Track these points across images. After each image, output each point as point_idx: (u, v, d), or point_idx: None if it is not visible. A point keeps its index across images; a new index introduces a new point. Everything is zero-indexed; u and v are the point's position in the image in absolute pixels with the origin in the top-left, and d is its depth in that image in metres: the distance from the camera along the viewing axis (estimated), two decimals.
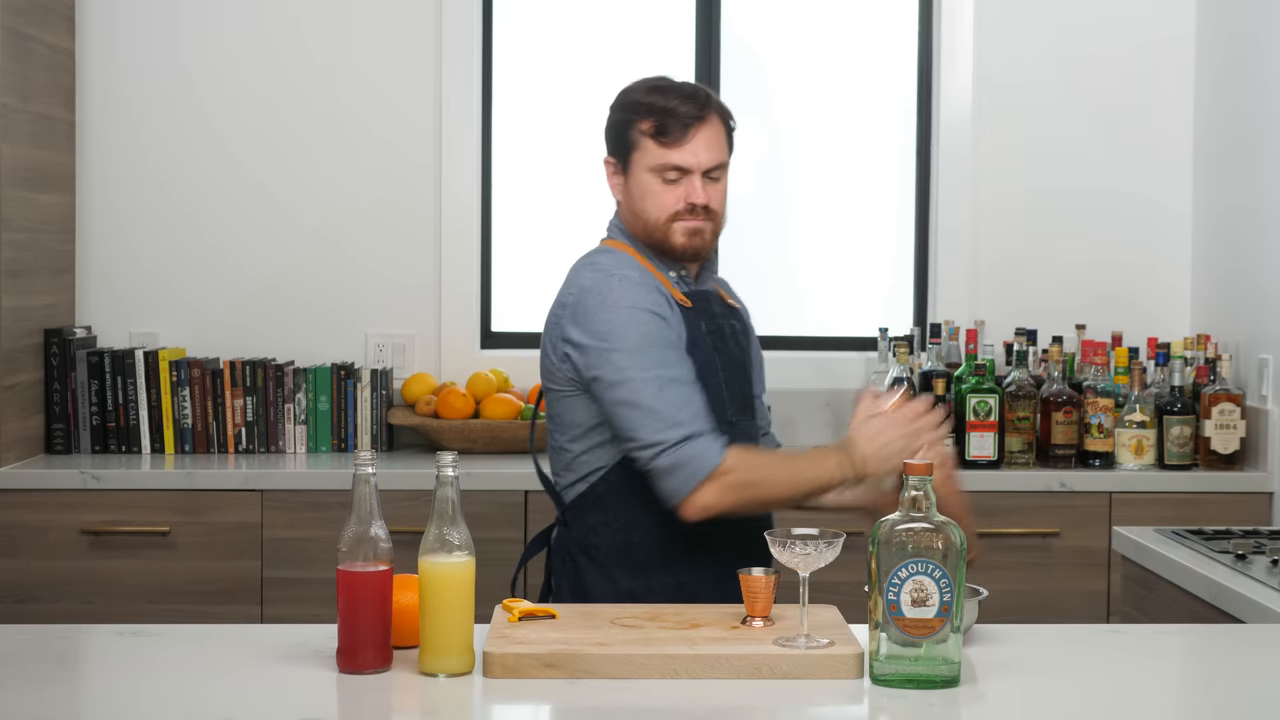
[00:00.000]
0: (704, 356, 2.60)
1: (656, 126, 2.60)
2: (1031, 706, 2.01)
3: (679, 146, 2.59)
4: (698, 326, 2.63)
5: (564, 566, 2.67)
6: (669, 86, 2.65)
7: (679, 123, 2.59)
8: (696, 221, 2.61)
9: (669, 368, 2.51)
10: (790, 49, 4.59)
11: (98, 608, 3.80)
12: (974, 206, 4.46)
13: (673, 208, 2.61)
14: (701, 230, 2.62)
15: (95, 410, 4.13)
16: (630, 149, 2.63)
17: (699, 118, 2.60)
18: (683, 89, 2.64)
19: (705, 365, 2.60)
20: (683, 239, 2.62)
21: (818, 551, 2.14)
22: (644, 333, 2.53)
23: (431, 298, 4.39)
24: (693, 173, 2.60)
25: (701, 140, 2.60)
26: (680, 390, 2.50)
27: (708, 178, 2.62)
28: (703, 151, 2.60)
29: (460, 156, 4.40)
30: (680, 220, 2.61)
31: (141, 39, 4.37)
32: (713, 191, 2.62)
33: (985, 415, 3.98)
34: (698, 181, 2.60)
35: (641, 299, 2.55)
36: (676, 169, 2.60)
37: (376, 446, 4.20)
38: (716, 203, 2.64)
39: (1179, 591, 2.85)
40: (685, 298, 2.64)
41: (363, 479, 2.05)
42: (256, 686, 2.02)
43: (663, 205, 2.61)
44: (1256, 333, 4.04)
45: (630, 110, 2.64)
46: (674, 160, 2.60)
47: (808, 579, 2.16)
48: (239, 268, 4.39)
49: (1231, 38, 4.24)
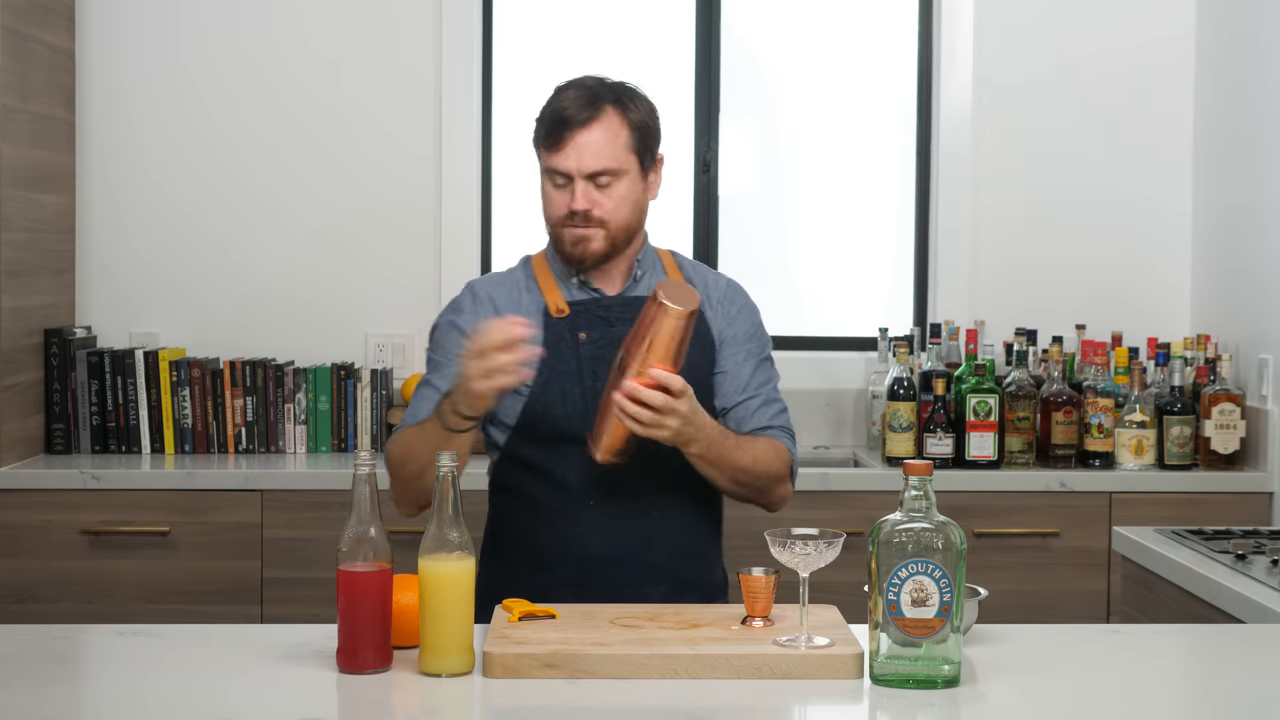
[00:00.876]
0: (564, 364, 2.57)
1: (545, 130, 2.57)
2: (1031, 706, 2.01)
3: (559, 151, 2.54)
4: (567, 335, 2.59)
5: None
6: (570, 85, 2.59)
7: (562, 126, 2.54)
8: (579, 229, 2.56)
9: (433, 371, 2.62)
10: (790, 49, 4.59)
11: (98, 608, 3.80)
12: (974, 207, 4.46)
13: (559, 213, 2.57)
14: (586, 238, 2.56)
15: (95, 410, 4.13)
16: (536, 149, 2.62)
17: (583, 120, 2.53)
18: (580, 86, 2.57)
19: (563, 373, 2.57)
20: (568, 246, 2.59)
21: (817, 551, 2.14)
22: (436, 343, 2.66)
23: (431, 297, 4.39)
24: (575, 179, 2.54)
25: (584, 144, 2.53)
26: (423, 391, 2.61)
27: (594, 183, 2.54)
28: (587, 157, 2.53)
29: (460, 156, 4.40)
30: (565, 227, 2.57)
31: (141, 39, 4.37)
32: (600, 197, 2.55)
33: (985, 415, 3.98)
34: (579, 187, 2.54)
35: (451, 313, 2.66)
36: (560, 174, 2.55)
37: (376, 446, 4.20)
38: (606, 210, 2.55)
39: (1179, 591, 2.85)
40: (566, 306, 2.61)
41: (363, 479, 2.05)
42: (256, 686, 2.02)
43: (552, 209, 2.59)
44: (1256, 333, 4.04)
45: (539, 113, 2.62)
46: (553, 164, 2.55)
47: (808, 579, 2.16)
48: (239, 267, 4.39)
49: (1231, 37, 4.24)
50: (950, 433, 3.97)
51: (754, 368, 2.69)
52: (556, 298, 2.63)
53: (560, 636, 2.12)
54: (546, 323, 2.61)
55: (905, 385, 4.04)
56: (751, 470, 2.57)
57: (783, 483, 2.65)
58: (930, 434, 3.98)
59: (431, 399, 2.55)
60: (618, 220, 2.58)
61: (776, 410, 2.69)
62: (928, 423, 3.98)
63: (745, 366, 2.68)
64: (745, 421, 2.65)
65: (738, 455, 2.54)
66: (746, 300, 2.76)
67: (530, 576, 2.56)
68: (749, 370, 2.68)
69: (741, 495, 2.63)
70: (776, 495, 2.66)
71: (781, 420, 2.69)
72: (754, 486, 2.60)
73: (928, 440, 3.98)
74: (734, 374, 2.67)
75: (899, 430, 4.02)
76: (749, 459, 2.56)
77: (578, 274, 2.64)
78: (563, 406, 2.57)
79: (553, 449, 2.58)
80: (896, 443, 4.02)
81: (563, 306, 2.62)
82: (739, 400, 2.67)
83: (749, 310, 2.74)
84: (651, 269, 2.69)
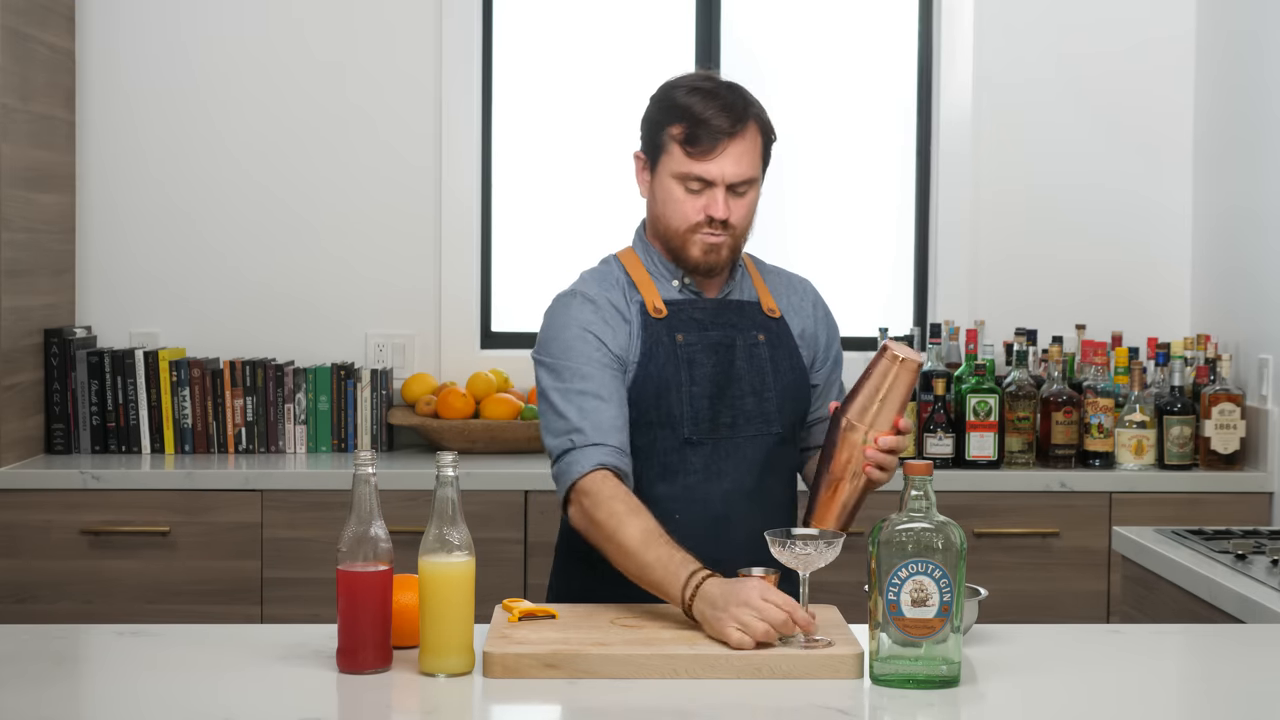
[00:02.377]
0: (661, 369, 2.54)
1: (687, 134, 2.51)
2: (1031, 706, 2.01)
3: (706, 159, 2.51)
4: (665, 338, 2.56)
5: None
6: (711, 91, 2.55)
7: (710, 135, 2.51)
8: (714, 237, 2.54)
9: (581, 380, 2.50)
10: (790, 49, 4.59)
11: (98, 608, 3.80)
12: (974, 206, 4.46)
13: (693, 219, 2.53)
14: (718, 246, 2.55)
15: (95, 410, 4.13)
16: (659, 150, 2.56)
17: (731, 133, 2.51)
18: (724, 97, 2.54)
19: (660, 377, 2.53)
20: (699, 253, 2.55)
21: (818, 551, 2.14)
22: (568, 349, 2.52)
23: (431, 298, 4.39)
24: (716, 186, 2.53)
25: (731, 155, 2.52)
26: (586, 401, 2.48)
27: (733, 192, 2.54)
28: (730, 166, 2.52)
29: (460, 156, 4.40)
30: (698, 233, 2.54)
31: (141, 39, 4.37)
32: (736, 206, 2.54)
33: (985, 415, 3.98)
34: (720, 195, 2.52)
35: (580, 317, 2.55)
36: (700, 180, 2.52)
37: (376, 446, 4.20)
38: (738, 218, 2.55)
39: (1179, 591, 2.85)
40: (664, 306, 2.58)
41: (363, 479, 2.05)
42: (256, 686, 2.02)
43: (683, 215, 2.54)
44: (1256, 333, 4.04)
45: (665, 111, 2.56)
46: (698, 172, 2.52)
47: (808, 578, 2.16)
48: (239, 268, 4.39)
49: (1232, 37, 4.24)
50: (950, 433, 3.97)
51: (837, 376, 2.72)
52: (655, 297, 2.59)
53: (560, 636, 2.12)
54: (645, 323, 2.57)
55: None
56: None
57: None
58: (930, 434, 3.97)
59: (601, 410, 2.46)
60: (744, 228, 2.58)
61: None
62: (928, 423, 3.98)
63: (833, 378, 2.71)
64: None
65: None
66: (824, 305, 2.76)
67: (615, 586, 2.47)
68: (835, 381, 2.71)
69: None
70: None
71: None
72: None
73: (928, 440, 3.98)
74: (825, 387, 2.69)
75: None
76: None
77: (684, 276, 2.61)
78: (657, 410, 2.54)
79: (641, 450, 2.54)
80: None
81: (660, 307, 2.59)
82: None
83: (828, 317, 2.74)
84: (742, 273, 2.68)
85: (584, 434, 2.45)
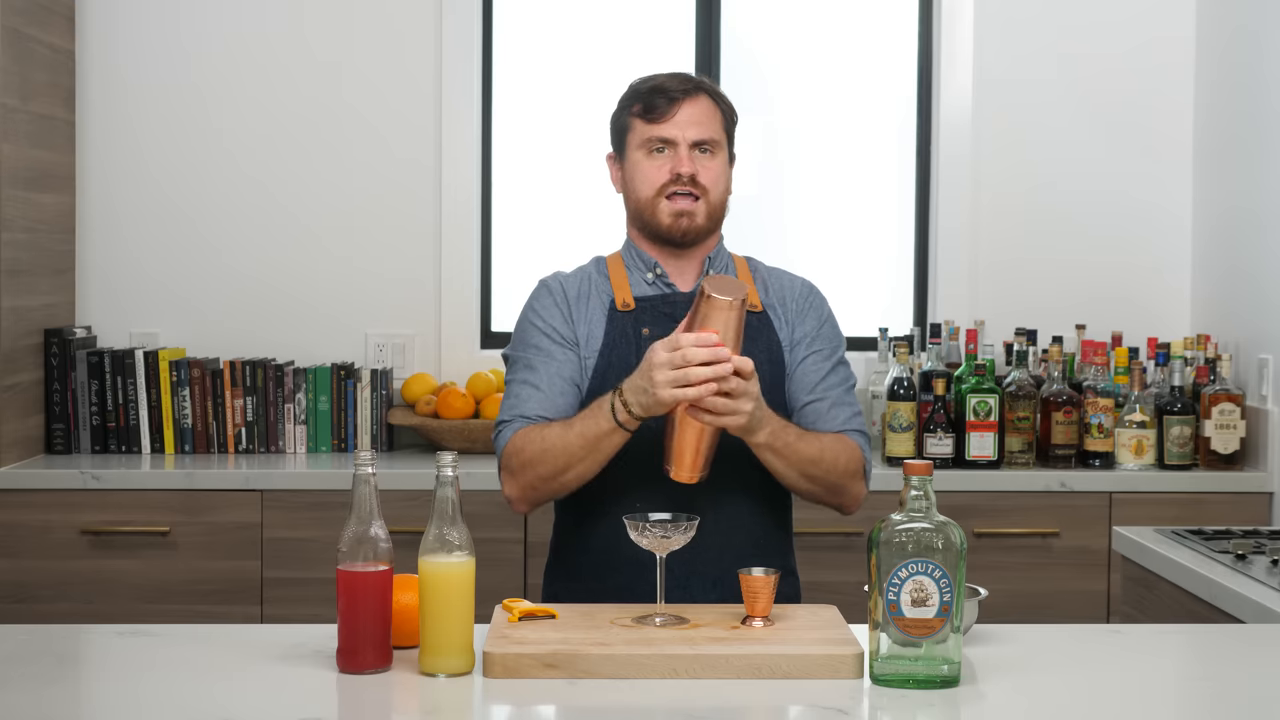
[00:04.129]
0: (623, 359, 2.54)
1: (644, 105, 2.59)
2: (1031, 706, 2.01)
3: (664, 120, 2.57)
4: (630, 331, 2.57)
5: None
6: (660, 72, 2.66)
7: (665, 98, 2.58)
8: (683, 201, 2.56)
9: (526, 371, 2.57)
10: (790, 49, 4.59)
11: (98, 608, 3.80)
12: (974, 206, 4.46)
13: (658, 180, 2.57)
14: (690, 212, 2.56)
15: (95, 410, 4.13)
16: (624, 134, 2.63)
17: (684, 92, 2.59)
18: (675, 74, 2.64)
19: (621, 367, 2.52)
20: (669, 219, 2.57)
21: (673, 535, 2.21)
22: (517, 341, 2.61)
23: (431, 298, 4.39)
24: (679, 144, 2.57)
25: (686, 113, 2.58)
26: (523, 390, 2.55)
27: (698, 150, 2.58)
28: (689, 125, 2.57)
29: (460, 156, 4.40)
30: (666, 196, 2.57)
31: (141, 39, 4.37)
32: (704, 167, 2.57)
33: (985, 415, 3.98)
34: (684, 151, 2.56)
35: (533, 305, 2.62)
36: (662, 140, 2.57)
37: (376, 446, 4.20)
38: (709, 180, 2.58)
39: (1179, 591, 2.85)
40: (633, 301, 2.59)
41: (363, 479, 2.05)
42: (256, 686, 2.02)
43: (650, 179, 2.58)
44: (1256, 333, 4.04)
45: (624, 101, 2.65)
46: (658, 133, 2.57)
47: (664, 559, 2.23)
48: (239, 268, 4.39)
49: (1232, 37, 4.24)
50: (950, 433, 3.97)
51: (823, 368, 2.61)
52: (625, 293, 2.61)
53: (560, 636, 2.12)
54: (610, 316, 2.59)
55: (905, 385, 4.04)
56: (820, 462, 2.49)
57: (855, 480, 2.56)
58: (930, 434, 3.97)
59: (535, 398, 2.52)
60: (716, 194, 2.60)
61: (849, 414, 2.60)
62: (928, 423, 3.98)
63: (812, 366, 2.61)
64: (814, 425, 2.57)
65: (803, 445, 2.47)
66: (816, 298, 2.69)
67: (587, 583, 2.53)
68: (816, 370, 2.60)
69: (813, 494, 2.54)
70: (850, 494, 2.58)
71: (854, 424, 2.60)
72: (825, 482, 2.51)
73: (928, 440, 3.98)
74: (800, 375, 2.61)
75: (899, 430, 4.02)
76: (815, 450, 2.49)
77: (657, 266, 2.62)
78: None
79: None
80: (896, 443, 4.02)
81: (629, 301, 2.60)
82: (807, 401, 2.59)
83: (816, 307, 2.67)
84: (725, 268, 2.66)
85: (510, 423, 2.54)
